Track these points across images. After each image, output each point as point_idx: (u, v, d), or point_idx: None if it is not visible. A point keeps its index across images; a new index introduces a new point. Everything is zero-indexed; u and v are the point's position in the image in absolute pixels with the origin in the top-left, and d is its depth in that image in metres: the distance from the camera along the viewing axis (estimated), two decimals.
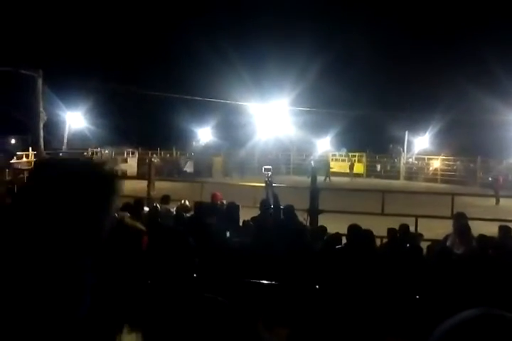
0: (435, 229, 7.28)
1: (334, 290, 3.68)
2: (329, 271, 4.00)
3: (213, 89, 26.35)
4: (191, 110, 28.52)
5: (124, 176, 21.47)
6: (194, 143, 31.42)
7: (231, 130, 29.61)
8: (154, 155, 26.10)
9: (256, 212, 6.47)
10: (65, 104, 24.91)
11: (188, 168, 24.34)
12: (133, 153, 25.93)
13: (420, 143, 30.56)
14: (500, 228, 5.86)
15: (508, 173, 20.07)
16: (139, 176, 18.31)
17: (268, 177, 6.96)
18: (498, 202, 14.34)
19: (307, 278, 3.99)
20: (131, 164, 23.50)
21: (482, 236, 4.13)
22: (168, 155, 27.31)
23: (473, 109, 25.34)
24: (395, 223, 6.28)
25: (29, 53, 23.81)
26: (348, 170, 26.97)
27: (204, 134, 32.35)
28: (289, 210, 6.02)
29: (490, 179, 18.39)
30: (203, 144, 31.00)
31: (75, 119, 26.99)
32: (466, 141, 25.03)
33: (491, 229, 6.23)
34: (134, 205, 6.09)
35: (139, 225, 2.09)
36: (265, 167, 7.58)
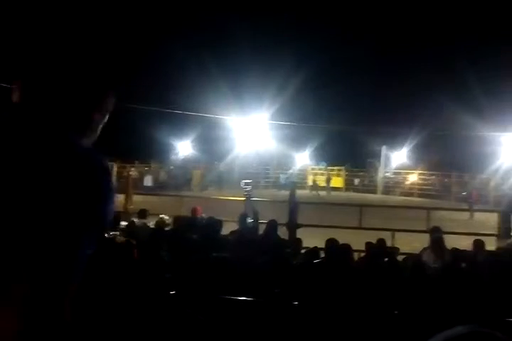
0: (411, 243, 7.40)
1: (313, 305, 3.69)
2: (307, 286, 4.01)
3: (193, 103, 26.40)
4: (171, 123, 28.47)
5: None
6: (173, 156, 31.29)
7: (211, 143, 29.62)
8: (132, 169, 25.87)
9: (235, 226, 6.47)
10: None
11: (148, 182, 23.96)
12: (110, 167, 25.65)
13: (397, 158, 31.15)
14: (474, 242, 6.01)
15: (482, 188, 20.55)
16: (116, 190, 18.11)
17: (248, 191, 6.99)
18: (472, 216, 14.64)
19: (286, 293, 3.99)
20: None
21: (455, 250, 4.22)
22: (146, 169, 27.10)
23: (449, 125, 26.01)
24: (372, 237, 6.37)
25: None
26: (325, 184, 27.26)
27: (183, 147, 32.27)
28: (272, 225, 6.05)
29: (464, 193, 18.79)
30: (182, 157, 30.90)
31: None
32: (441, 156, 25.61)
33: (466, 243, 6.37)
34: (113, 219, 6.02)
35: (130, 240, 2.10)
36: (245, 181, 7.61)
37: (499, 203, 14.25)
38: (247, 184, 7.43)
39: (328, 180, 27.41)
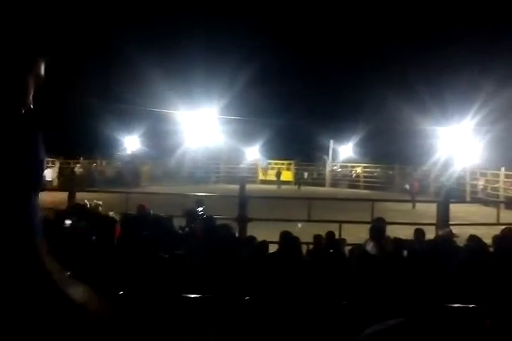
0: (357, 234, 7.64)
1: (265, 298, 3.74)
2: (260, 278, 4.05)
3: (141, 97, 25.80)
4: (117, 118, 27.67)
5: (43, 187, 20.31)
6: (120, 151, 30.47)
7: (159, 138, 29.09)
8: (77, 165, 24.95)
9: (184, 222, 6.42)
10: None
11: (48, 176, 23.02)
12: (53, 163, 24.61)
13: (344, 152, 32.05)
14: (415, 231, 6.30)
15: (423, 179, 21.53)
16: (60, 187, 17.41)
17: (201, 211, 6.87)
18: (414, 206, 15.33)
19: (237, 287, 4.02)
20: (50, 174, 22.20)
21: (397, 239, 4.41)
22: (93, 165, 26.23)
23: (392, 119, 27.03)
24: (321, 229, 6.53)
25: None
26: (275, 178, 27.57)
27: (131, 143, 31.49)
28: (210, 220, 6.04)
29: (407, 185, 19.61)
30: (130, 153, 30.15)
31: None
32: (385, 149, 26.59)
33: (409, 232, 6.66)
34: (55, 219, 5.78)
35: (112, 214, 2.06)
36: (198, 200, 7.43)
37: (438, 194, 15.02)
38: (199, 203, 7.26)
39: (278, 174, 27.73)
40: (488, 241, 5.34)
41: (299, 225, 7.46)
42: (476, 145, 21.91)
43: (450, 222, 8.27)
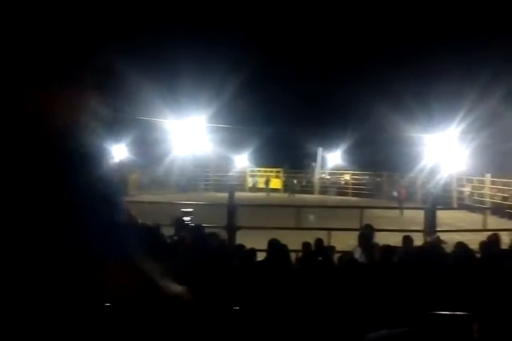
0: (347, 241, 7.66)
1: (254, 307, 3.71)
2: (248, 287, 4.03)
3: (129, 105, 25.69)
4: (104, 126, 27.51)
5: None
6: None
7: (147, 147, 28.96)
8: None
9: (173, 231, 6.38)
10: None
11: None
12: None
13: (333, 159, 32.22)
14: (404, 238, 6.34)
15: (411, 186, 21.71)
16: None
17: (188, 221, 6.82)
18: (402, 213, 15.43)
19: (227, 297, 3.99)
20: None
21: (386, 246, 4.43)
22: None
23: (380, 127, 27.29)
24: (310, 236, 6.53)
25: None
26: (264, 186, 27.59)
27: (118, 151, 31.29)
28: (199, 228, 6.01)
29: (394, 192, 19.75)
30: (118, 161, 29.96)
31: None
32: (373, 157, 26.81)
33: (397, 239, 6.70)
34: None
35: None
36: (184, 210, 7.36)
37: (426, 201, 15.14)
38: (186, 213, 7.17)
39: (266, 182, 27.75)
40: (475, 247, 5.40)
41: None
42: (462, 152, 22.20)
43: (438, 229, 8.34)
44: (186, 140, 27.81)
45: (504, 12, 25.22)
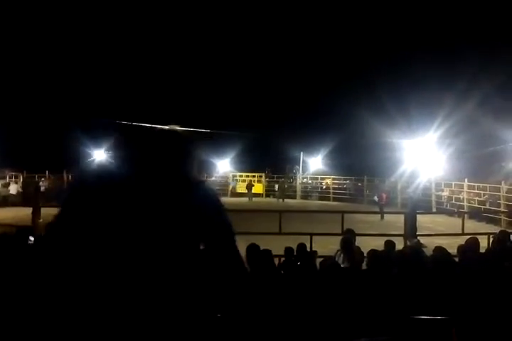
0: (328, 245, 7.71)
1: (237, 314, 3.70)
2: (229, 293, 4.01)
3: (108, 109, 25.47)
4: (85, 130, 27.21)
5: (6, 203, 19.61)
6: (87, 164, 29.81)
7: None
8: (42, 179, 24.28)
9: None
10: None
11: (12, 190, 21.29)
12: (16, 177, 23.82)
13: (314, 164, 32.42)
14: (385, 242, 6.41)
15: (391, 191, 21.97)
16: (24, 202, 16.81)
17: None
18: (382, 217, 15.60)
19: (209, 303, 3.96)
20: (13, 189, 21.36)
21: (373, 251, 4.48)
22: (58, 179, 25.54)
23: (360, 132, 27.64)
24: (292, 241, 6.55)
25: None
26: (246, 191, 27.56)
27: (99, 155, 30.91)
28: None
29: (375, 197, 19.95)
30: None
31: None
32: (354, 161, 27.09)
33: (378, 243, 6.77)
34: (17, 235, 5.56)
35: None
36: None
37: (405, 205, 15.34)
38: None
39: (248, 187, 27.75)
40: (453, 250, 5.50)
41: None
42: (440, 157, 22.60)
43: (418, 233, 8.46)
44: None
45: (479, 21, 25.89)
